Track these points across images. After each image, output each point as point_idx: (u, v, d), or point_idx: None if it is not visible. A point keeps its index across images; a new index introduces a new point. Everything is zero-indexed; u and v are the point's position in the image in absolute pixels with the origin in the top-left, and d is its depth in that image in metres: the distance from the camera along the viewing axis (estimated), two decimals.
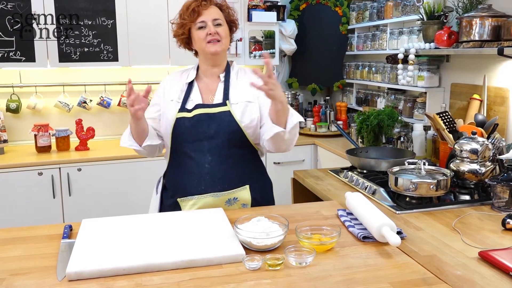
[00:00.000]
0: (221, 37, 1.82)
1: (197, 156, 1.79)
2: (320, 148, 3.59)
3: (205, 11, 1.81)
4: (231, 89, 1.87)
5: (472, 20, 2.28)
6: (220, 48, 1.83)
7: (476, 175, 1.91)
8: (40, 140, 3.23)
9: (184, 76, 1.93)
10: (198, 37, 1.82)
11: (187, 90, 1.87)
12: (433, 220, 1.68)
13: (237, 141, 1.81)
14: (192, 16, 1.81)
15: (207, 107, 1.82)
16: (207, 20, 1.81)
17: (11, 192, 2.99)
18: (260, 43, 3.73)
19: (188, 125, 1.79)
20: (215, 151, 1.79)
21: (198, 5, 1.80)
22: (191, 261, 1.29)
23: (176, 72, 1.98)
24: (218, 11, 1.85)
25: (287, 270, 1.27)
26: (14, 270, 1.29)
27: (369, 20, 3.61)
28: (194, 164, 1.80)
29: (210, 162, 1.79)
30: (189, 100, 1.85)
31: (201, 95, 1.87)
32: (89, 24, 3.29)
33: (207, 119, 1.79)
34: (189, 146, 1.80)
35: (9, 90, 3.44)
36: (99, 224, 1.57)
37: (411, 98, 3.09)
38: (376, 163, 2.26)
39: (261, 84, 1.59)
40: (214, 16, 1.82)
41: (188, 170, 1.81)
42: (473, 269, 1.29)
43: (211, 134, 1.78)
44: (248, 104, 1.84)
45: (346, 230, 1.57)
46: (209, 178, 1.78)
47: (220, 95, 1.85)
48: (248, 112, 1.82)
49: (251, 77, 1.88)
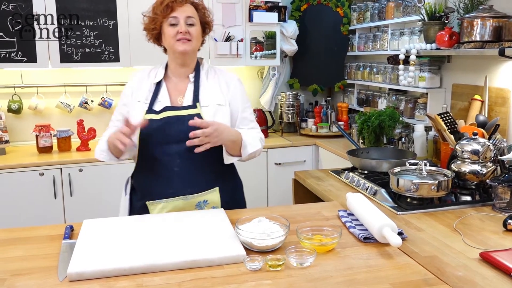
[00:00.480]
0: (192, 36, 1.78)
1: (166, 159, 1.76)
2: (321, 148, 3.59)
3: (179, 8, 1.76)
4: (201, 90, 1.83)
5: (473, 20, 2.28)
6: (190, 47, 1.79)
7: (477, 176, 1.91)
8: (41, 140, 3.23)
9: (152, 75, 1.88)
10: (168, 34, 1.78)
11: (154, 91, 1.83)
12: (434, 221, 1.68)
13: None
14: (165, 12, 1.76)
15: (176, 109, 1.78)
16: (179, 17, 1.76)
17: (12, 192, 2.99)
18: (261, 43, 3.73)
19: (156, 127, 1.75)
20: (184, 154, 1.74)
21: (172, 1, 1.76)
22: (192, 261, 1.29)
23: (144, 70, 1.92)
24: (193, 10, 1.81)
25: (288, 271, 1.27)
26: (16, 271, 1.30)
27: (370, 20, 3.61)
28: (163, 167, 1.76)
29: (179, 165, 1.75)
30: (157, 101, 1.81)
31: (170, 96, 1.83)
32: (91, 24, 3.29)
33: (176, 122, 1.75)
34: (157, 148, 1.76)
35: (10, 90, 3.45)
36: (100, 225, 1.57)
37: (412, 98, 3.09)
38: (377, 164, 2.26)
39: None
40: (188, 14, 1.77)
41: (156, 173, 1.77)
42: (474, 270, 1.29)
43: (180, 137, 1.71)
44: (219, 107, 1.82)
45: (347, 230, 1.57)
46: (178, 181, 1.75)
47: (190, 96, 1.82)
48: (219, 116, 1.79)
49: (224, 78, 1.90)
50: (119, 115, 1.88)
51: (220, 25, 3.55)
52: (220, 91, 1.86)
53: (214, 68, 1.95)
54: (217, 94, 1.85)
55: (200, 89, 1.84)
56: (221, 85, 1.88)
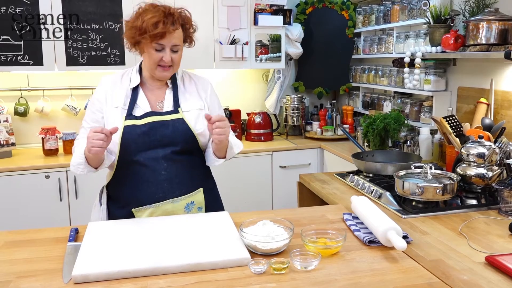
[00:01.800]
0: (174, 63, 1.77)
1: (152, 164, 1.74)
2: (326, 151, 3.58)
3: (169, 34, 1.71)
4: (180, 96, 1.84)
5: (479, 23, 2.27)
6: (170, 74, 1.80)
7: (483, 180, 1.90)
8: (47, 143, 3.25)
9: (126, 80, 1.84)
10: (151, 57, 1.74)
11: (132, 96, 1.80)
12: (440, 225, 1.67)
13: (190, 148, 1.80)
14: (155, 37, 1.69)
15: (159, 114, 1.77)
16: (166, 45, 1.72)
17: (18, 194, 3.01)
18: (267, 46, 3.74)
19: (139, 132, 1.73)
20: (170, 157, 1.75)
21: (165, 29, 1.68)
22: (196, 264, 1.30)
23: (115, 75, 1.87)
24: (180, 34, 1.76)
25: (292, 274, 1.27)
26: (21, 273, 1.30)
27: (375, 23, 3.61)
28: (149, 172, 1.74)
29: (166, 169, 1.75)
30: (136, 106, 1.78)
31: (149, 101, 1.81)
32: (96, 28, 3.31)
33: (160, 127, 1.75)
34: (141, 154, 1.74)
35: (17, 93, 3.47)
36: (105, 227, 1.58)
37: (418, 101, 3.08)
38: (382, 167, 2.25)
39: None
40: (175, 42, 1.73)
41: (142, 179, 1.75)
42: (479, 274, 1.28)
43: (165, 142, 1.74)
44: (200, 112, 1.83)
45: (352, 234, 1.56)
46: (166, 184, 1.75)
47: (170, 102, 1.82)
48: (201, 120, 1.81)
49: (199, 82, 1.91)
50: (92, 122, 1.81)
51: (225, 28, 3.56)
52: (198, 96, 1.89)
53: (188, 72, 1.96)
54: (196, 99, 1.87)
55: (179, 94, 1.84)
56: (199, 90, 1.90)
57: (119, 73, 1.88)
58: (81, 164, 1.71)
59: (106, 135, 1.58)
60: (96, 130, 1.58)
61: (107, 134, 1.58)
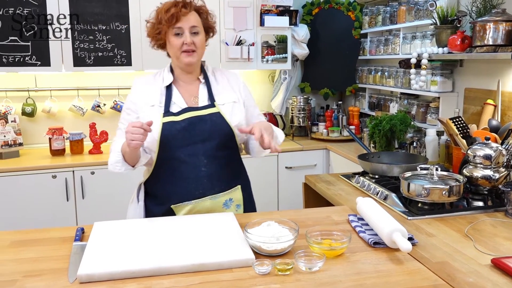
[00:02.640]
0: (196, 47, 1.78)
1: (192, 160, 1.76)
2: (332, 153, 3.58)
3: (184, 17, 1.75)
4: (214, 90, 1.86)
5: (486, 24, 2.26)
6: (195, 59, 1.80)
7: (490, 181, 1.89)
8: (54, 143, 3.27)
9: (159, 80, 1.87)
10: (173, 44, 1.77)
11: (166, 94, 1.82)
12: (445, 227, 1.66)
13: (227, 142, 1.81)
14: (170, 22, 1.74)
15: (196, 109, 1.79)
16: (184, 27, 1.75)
17: (25, 194, 3.03)
18: (273, 47, 3.74)
19: (179, 128, 1.75)
20: (210, 153, 1.77)
21: (177, 11, 1.74)
22: (200, 265, 1.30)
23: (147, 76, 1.91)
24: (197, 17, 1.80)
25: (297, 275, 1.27)
26: (27, 272, 1.31)
27: (382, 24, 3.60)
28: (190, 168, 1.76)
29: (206, 165, 1.77)
30: (172, 103, 1.80)
31: (183, 98, 1.83)
32: (103, 29, 3.33)
33: (199, 122, 1.77)
34: (181, 150, 1.76)
35: (24, 94, 3.50)
36: (111, 227, 1.58)
37: (424, 103, 3.07)
38: (388, 168, 2.24)
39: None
40: (192, 23, 1.77)
41: (182, 175, 1.77)
42: (485, 277, 1.27)
43: (205, 136, 1.76)
44: (234, 104, 1.86)
45: (357, 235, 1.56)
46: (206, 181, 1.76)
47: (204, 97, 1.84)
48: (235, 113, 1.84)
49: (230, 76, 1.93)
50: (127, 124, 1.82)
51: (231, 29, 3.56)
52: (231, 89, 1.90)
53: (218, 68, 1.99)
54: (230, 92, 1.88)
55: (212, 89, 1.86)
56: (231, 83, 1.92)
57: (150, 74, 1.92)
58: (118, 162, 1.76)
59: (144, 128, 1.59)
60: (134, 124, 1.61)
61: (145, 128, 1.59)
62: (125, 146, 1.69)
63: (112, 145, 1.84)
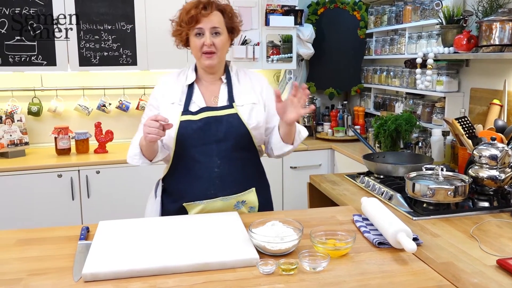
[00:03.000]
0: (217, 48, 1.77)
1: (206, 160, 1.77)
2: (337, 152, 3.57)
3: (204, 18, 1.74)
4: (234, 91, 1.85)
5: (492, 24, 2.25)
6: (215, 61, 1.79)
7: (496, 182, 1.88)
8: (60, 142, 3.28)
9: (182, 78, 1.88)
10: (194, 45, 1.78)
11: (187, 92, 1.84)
12: (451, 227, 1.66)
13: (243, 144, 1.80)
14: (190, 23, 1.74)
15: (213, 109, 1.79)
16: (205, 28, 1.75)
17: (31, 193, 3.04)
18: (278, 47, 3.74)
19: (195, 128, 1.76)
20: (224, 154, 1.77)
21: (197, 13, 1.73)
22: (205, 264, 1.30)
23: (172, 73, 1.93)
24: (219, 17, 1.78)
25: (301, 275, 1.27)
26: (32, 270, 1.32)
27: (387, 24, 3.59)
28: (203, 168, 1.77)
29: (219, 166, 1.77)
30: (192, 102, 1.81)
31: (203, 97, 1.84)
32: (109, 28, 3.34)
33: (215, 122, 1.77)
34: (196, 149, 1.77)
35: (30, 93, 3.51)
36: (116, 226, 1.59)
37: (430, 103, 3.05)
38: (393, 168, 2.24)
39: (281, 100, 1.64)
40: (213, 24, 1.76)
41: (195, 175, 1.78)
42: (490, 277, 1.27)
43: (220, 137, 1.76)
44: (254, 106, 1.84)
45: (362, 235, 1.55)
46: (218, 182, 1.77)
47: (224, 97, 1.84)
48: (254, 115, 1.82)
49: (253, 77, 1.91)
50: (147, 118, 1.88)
51: None
52: (253, 90, 1.89)
53: (242, 69, 1.97)
54: (250, 94, 1.87)
55: (233, 89, 1.85)
56: (254, 85, 1.90)
57: (175, 72, 1.93)
58: (136, 155, 1.78)
59: (160, 123, 1.60)
60: (152, 118, 1.62)
61: (161, 120, 1.60)
62: (143, 139, 1.70)
63: (133, 138, 1.87)
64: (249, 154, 1.84)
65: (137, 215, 1.85)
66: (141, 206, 3.18)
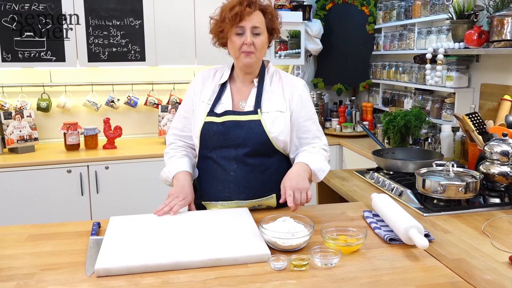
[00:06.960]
0: (256, 49, 1.73)
1: (223, 162, 1.76)
2: (345, 148, 3.56)
3: (247, 16, 1.71)
4: (264, 96, 1.80)
5: (504, 19, 2.23)
6: (253, 60, 1.76)
7: (507, 178, 1.87)
8: (69, 138, 3.30)
9: (218, 76, 1.87)
10: (234, 44, 1.74)
11: (218, 92, 1.82)
12: (462, 223, 1.65)
13: (265, 150, 1.76)
14: (234, 20, 1.70)
15: (237, 114, 1.77)
16: (246, 26, 1.71)
17: (41, 189, 3.06)
18: (286, 43, 3.73)
19: (216, 130, 1.75)
20: (241, 159, 1.75)
21: (242, 10, 1.70)
22: (217, 259, 1.30)
23: (210, 69, 1.91)
24: (261, 18, 1.75)
25: (313, 271, 1.27)
26: (45, 265, 1.32)
27: (396, 19, 3.57)
28: (220, 170, 1.77)
29: (236, 170, 1.75)
30: (219, 103, 1.80)
31: (232, 99, 1.81)
32: (117, 24, 3.34)
33: (236, 127, 1.74)
34: (215, 151, 1.77)
35: (40, 89, 3.53)
36: (127, 222, 1.59)
37: (439, 98, 3.04)
38: (403, 164, 2.23)
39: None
40: (255, 24, 1.72)
41: (213, 176, 1.79)
42: (503, 274, 1.26)
43: (238, 142, 1.73)
44: (279, 114, 1.78)
45: (372, 231, 1.55)
46: (233, 186, 1.75)
47: (252, 101, 1.80)
48: (277, 123, 1.76)
49: (287, 83, 1.85)
50: (184, 112, 1.89)
51: None
52: (283, 97, 1.82)
53: (280, 72, 1.91)
54: (279, 100, 1.81)
55: (263, 94, 1.81)
56: (285, 91, 1.83)
57: (213, 68, 1.92)
58: (166, 182, 1.87)
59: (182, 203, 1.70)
60: (177, 195, 1.71)
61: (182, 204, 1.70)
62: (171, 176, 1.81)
63: (167, 153, 1.91)
64: (272, 160, 1.79)
65: (145, 211, 1.85)
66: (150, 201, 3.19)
